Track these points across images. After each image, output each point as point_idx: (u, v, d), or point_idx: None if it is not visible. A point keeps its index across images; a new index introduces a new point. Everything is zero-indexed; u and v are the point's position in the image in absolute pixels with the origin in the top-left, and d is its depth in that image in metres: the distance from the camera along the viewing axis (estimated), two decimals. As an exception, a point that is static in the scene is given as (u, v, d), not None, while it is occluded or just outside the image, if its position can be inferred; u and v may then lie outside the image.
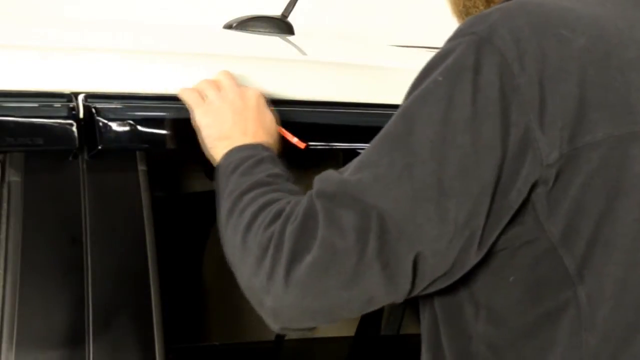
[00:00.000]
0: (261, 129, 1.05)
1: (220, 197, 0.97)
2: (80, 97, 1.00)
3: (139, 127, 1.02)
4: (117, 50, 1.14)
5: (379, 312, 1.72)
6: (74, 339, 0.96)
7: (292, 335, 1.93)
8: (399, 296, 0.83)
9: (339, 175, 0.85)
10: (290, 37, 1.65)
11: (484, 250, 0.83)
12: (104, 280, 0.99)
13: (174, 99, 1.07)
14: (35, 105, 0.97)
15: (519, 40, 0.80)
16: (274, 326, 0.89)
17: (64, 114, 0.98)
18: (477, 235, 0.80)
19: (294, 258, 0.81)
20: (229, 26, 1.69)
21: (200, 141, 1.05)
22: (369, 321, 1.74)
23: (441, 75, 0.82)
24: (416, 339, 1.52)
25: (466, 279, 0.86)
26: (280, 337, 1.97)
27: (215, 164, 1.02)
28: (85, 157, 1.01)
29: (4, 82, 0.98)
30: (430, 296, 0.91)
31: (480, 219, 0.80)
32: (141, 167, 1.05)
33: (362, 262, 0.79)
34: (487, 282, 0.86)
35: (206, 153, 1.05)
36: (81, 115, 0.99)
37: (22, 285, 0.95)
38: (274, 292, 0.83)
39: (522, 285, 0.85)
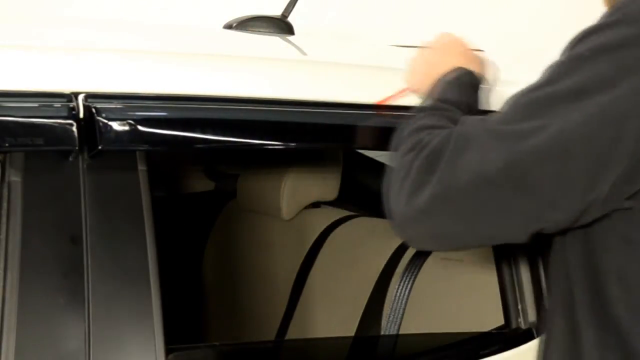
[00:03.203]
0: (471, 60, 1.18)
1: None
2: (80, 97, 1.00)
3: (139, 127, 1.02)
4: (117, 50, 1.14)
5: (379, 312, 1.72)
6: (74, 339, 0.96)
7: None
8: (519, 239, 0.93)
9: (481, 122, 0.94)
10: (290, 37, 1.65)
11: (610, 206, 0.90)
12: (104, 280, 0.99)
13: (174, 99, 1.07)
14: (35, 105, 0.97)
15: None
16: (402, 238, 1.03)
17: (64, 114, 0.98)
18: (604, 191, 0.87)
19: (416, 189, 0.93)
20: (229, 26, 1.69)
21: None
22: (369, 321, 1.74)
23: (589, 51, 0.89)
24: (416, 339, 1.52)
25: (603, 243, 0.95)
26: (280, 337, 1.97)
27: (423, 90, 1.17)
28: (85, 157, 1.01)
29: (4, 82, 0.98)
30: (566, 260, 1.01)
31: (610, 177, 0.87)
32: (141, 167, 1.05)
33: (478, 204, 0.89)
34: (621, 248, 0.94)
35: (419, 81, 1.19)
36: (81, 115, 0.99)
37: (22, 285, 0.95)
38: (398, 214, 0.96)
39: None
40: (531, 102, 0.91)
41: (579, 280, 0.99)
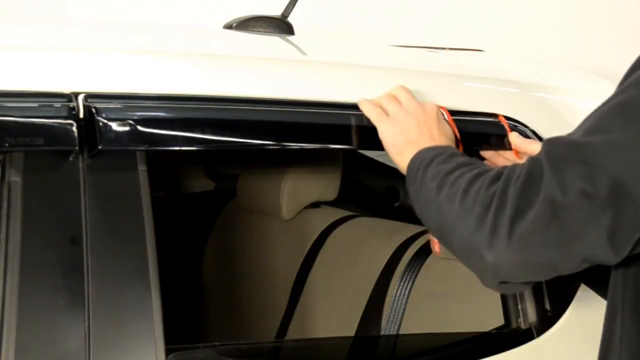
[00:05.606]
0: (444, 137, 1.14)
1: (417, 186, 1.06)
2: (80, 97, 1.00)
3: (139, 127, 1.02)
4: (117, 50, 1.14)
5: (379, 312, 1.72)
6: (74, 339, 0.96)
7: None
8: (615, 259, 0.89)
9: (569, 138, 0.90)
10: (290, 37, 1.65)
11: None
12: (104, 280, 0.99)
13: (174, 99, 1.07)
14: (35, 105, 0.97)
15: None
16: (493, 280, 0.95)
17: (64, 114, 0.98)
18: None
19: (517, 214, 0.88)
20: (229, 26, 1.69)
21: (386, 150, 1.15)
22: (369, 321, 1.74)
23: None
24: (416, 339, 1.52)
25: None
26: (280, 337, 1.97)
27: (403, 166, 1.12)
28: (85, 157, 1.01)
29: (4, 82, 0.98)
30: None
31: None
32: (141, 167, 1.05)
33: (584, 221, 0.85)
34: None
35: (393, 159, 1.14)
36: (81, 115, 0.99)
37: (22, 285, 0.95)
38: (497, 247, 0.89)
39: None
40: (623, 106, 0.87)
41: None
